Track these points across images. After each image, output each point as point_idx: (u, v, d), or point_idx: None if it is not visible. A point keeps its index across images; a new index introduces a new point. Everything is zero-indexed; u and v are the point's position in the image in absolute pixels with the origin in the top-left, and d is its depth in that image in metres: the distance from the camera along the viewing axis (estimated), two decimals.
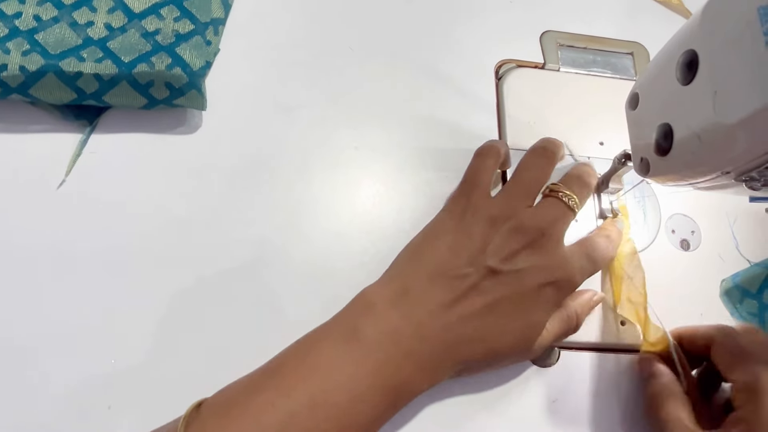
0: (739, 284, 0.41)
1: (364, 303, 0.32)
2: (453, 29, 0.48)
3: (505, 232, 0.34)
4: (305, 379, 0.29)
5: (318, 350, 0.30)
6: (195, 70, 0.38)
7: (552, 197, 0.36)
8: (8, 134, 0.39)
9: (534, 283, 0.33)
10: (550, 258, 0.34)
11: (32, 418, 0.32)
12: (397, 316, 0.31)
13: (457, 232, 0.34)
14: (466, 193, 0.36)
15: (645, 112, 0.33)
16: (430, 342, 0.31)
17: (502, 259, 0.33)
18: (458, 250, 0.33)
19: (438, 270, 0.33)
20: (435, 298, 0.32)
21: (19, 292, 0.35)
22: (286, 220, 0.39)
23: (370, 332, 0.30)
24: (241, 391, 0.29)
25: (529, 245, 0.33)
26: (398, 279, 0.34)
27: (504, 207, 0.35)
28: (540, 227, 0.34)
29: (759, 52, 0.25)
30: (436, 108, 0.45)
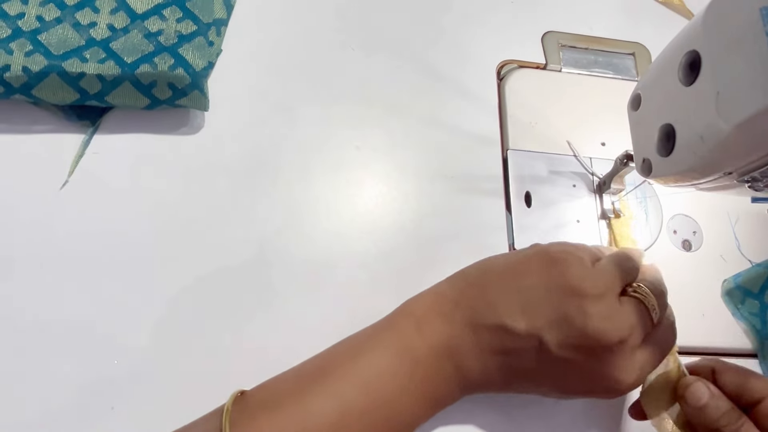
0: (740, 285, 0.41)
1: (415, 318, 0.32)
2: (454, 30, 0.48)
3: (578, 318, 0.30)
4: (357, 386, 0.29)
5: (368, 358, 0.30)
6: (197, 70, 0.38)
7: (637, 300, 0.32)
8: (11, 135, 0.39)
9: (578, 377, 0.31)
10: (604, 369, 0.30)
11: (34, 419, 0.32)
12: (445, 338, 0.31)
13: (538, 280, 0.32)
14: (572, 247, 0.33)
15: (647, 112, 0.33)
16: (468, 371, 0.32)
17: (560, 343, 0.30)
18: (527, 304, 0.31)
19: (496, 312, 0.31)
20: (482, 339, 0.31)
21: (21, 291, 0.35)
22: (288, 220, 0.39)
23: (418, 349, 0.31)
24: (291, 390, 0.30)
25: (595, 350, 0.30)
26: (457, 300, 0.32)
27: (596, 285, 0.31)
28: (611, 341, 0.30)
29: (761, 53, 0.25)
30: (438, 108, 0.45)
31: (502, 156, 0.44)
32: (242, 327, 0.36)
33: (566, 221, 0.42)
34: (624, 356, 0.30)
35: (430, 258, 0.40)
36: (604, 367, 0.30)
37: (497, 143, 0.44)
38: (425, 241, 0.40)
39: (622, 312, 0.31)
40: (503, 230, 0.42)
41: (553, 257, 0.32)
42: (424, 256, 0.40)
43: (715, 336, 0.40)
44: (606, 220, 0.43)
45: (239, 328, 0.36)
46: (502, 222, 0.42)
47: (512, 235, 0.41)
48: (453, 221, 0.41)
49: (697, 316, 0.40)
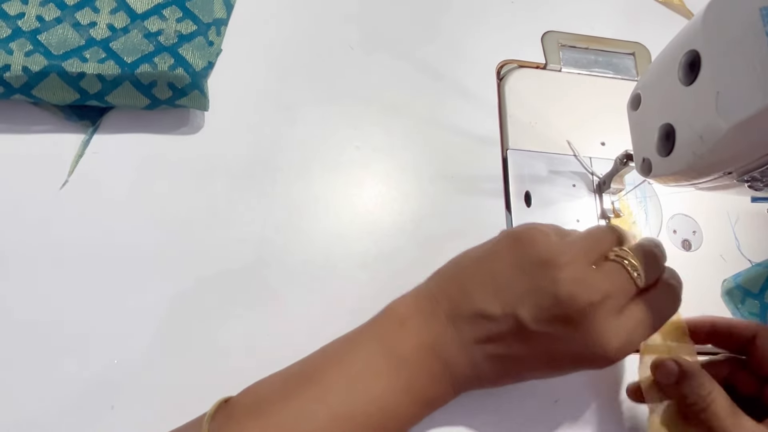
0: (740, 284, 0.41)
1: (398, 317, 0.32)
2: (454, 30, 0.48)
3: (548, 288, 0.30)
4: (342, 390, 0.29)
5: (354, 361, 0.30)
6: (197, 70, 0.38)
7: (617, 263, 0.31)
8: (11, 134, 0.39)
9: (564, 350, 0.30)
10: (588, 334, 0.29)
11: (35, 418, 0.32)
12: (428, 335, 0.31)
13: (507, 261, 0.31)
14: (538, 224, 0.33)
15: (647, 112, 0.33)
16: (457, 366, 0.31)
17: (534, 317, 0.30)
18: (500, 285, 0.31)
19: (472, 301, 0.31)
20: (463, 330, 0.31)
21: (21, 291, 0.35)
22: (287, 220, 0.39)
23: (402, 348, 0.31)
24: (275, 395, 0.29)
25: (567, 316, 0.29)
26: (436, 296, 0.32)
27: (564, 252, 0.30)
28: (582, 303, 0.29)
29: (761, 53, 0.25)
30: (438, 108, 0.45)
31: (501, 156, 0.44)
32: (242, 327, 0.36)
33: (566, 221, 0.42)
34: (603, 320, 0.29)
35: (429, 258, 0.40)
36: (585, 334, 0.29)
37: (497, 143, 0.44)
38: (425, 240, 0.40)
39: (594, 275, 0.30)
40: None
41: (519, 235, 0.32)
42: (423, 256, 0.40)
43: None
44: (606, 220, 0.43)
45: (239, 327, 0.36)
46: (501, 222, 0.42)
47: None
48: (453, 221, 0.41)
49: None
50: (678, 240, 0.43)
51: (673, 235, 0.43)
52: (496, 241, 0.34)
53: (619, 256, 0.31)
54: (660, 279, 0.32)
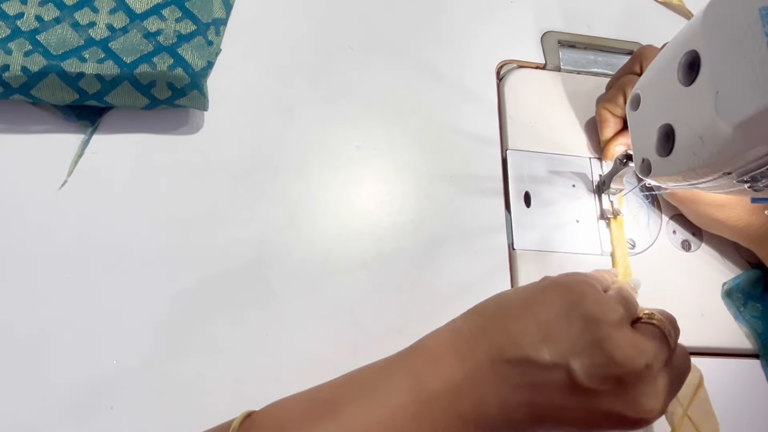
0: (740, 287, 0.41)
1: (432, 354, 0.31)
2: (454, 30, 0.48)
3: (604, 345, 0.30)
4: (365, 422, 0.28)
5: (379, 394, 0.29)
6: (197, 70, 0.38)
7: (654, 327, 0.32)
8: (10, 134, 0.39)
9: (606, 410, 0.30)
10: (633, 397, 0.30)
11: (34, 419, 0.32)
12: (462, 375, 0.30)
13: (557, 310, 0.31)
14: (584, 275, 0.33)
15: (647, 112, 0.33)
16: (486, 410, 0.30)
17: (588, 371, 0.29)
18: (549, 334, 0.30)
19: (518, 345, 0.30)
20: (503, 374, 0.30)
21: (21, 292, 0.35)
22: (287, 220, 0.39)
23: (433, 386, 0.30)
24: (298, 420, 0.29)
25: (619, 377, 0.30)
26: (475, 336, 0.31)
27: (614, 311, 0.31)
28: (640, 366, 0.29)
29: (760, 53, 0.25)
30: (437, 108, 0.45)
31: (501, 156, 0.44)
32: (242, 327, 0.36)
33: (565, 221, 0.42)
34: (651, 382, 0.30)
35: (429, 258, 0.40)
36: (633, 395, 0.30)
37: (496, 143, 0.44)
38: (425, 240, 0.40)
39: (644, 338, 0.31)
40: (502, 230, 0.42)
41: (569, 287, 0.32)
42: (423, 256, 0.40)
43: (714, 336, 0.40)
44: (605, 220, 0.43)
45: (239, 327, 0.36)
46: (501, 222, 0.42)
47: (511, 234, 0.41)
48: (452, 221, 0.41)
49: (697, 316, 0.40)
50: (678, 240, 0.43)
51: (673, 236, 0.43)
52: (542, 288, 0.33)
53: (655, 320, 0.32)
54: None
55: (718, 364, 0.39)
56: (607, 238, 0.42)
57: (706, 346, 0.40)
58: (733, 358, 0.40)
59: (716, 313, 0.41)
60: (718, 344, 0.40)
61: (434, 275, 0.39)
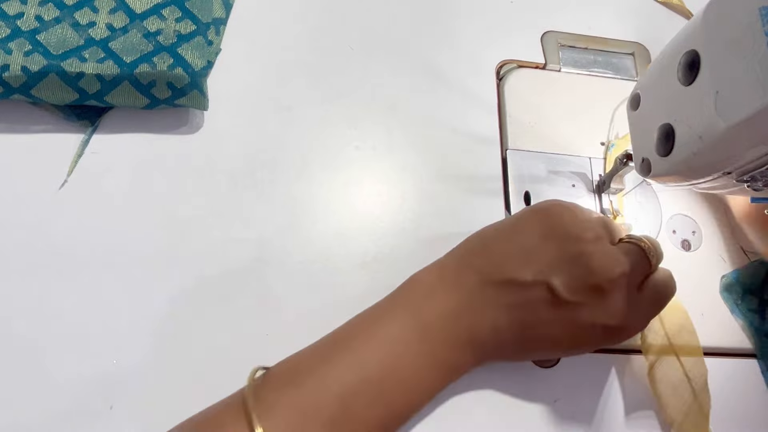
0: (739, 280, 0.41)
1: (423, 287, 0.33)
2: (454, 29, 0.48)
3: (580, 259, 0.32)
4: (373, 356, 0.30)
5: (385, 327, 0.32)
6: (197, 70, 0.38)
7: (633, 245, 0.34)
8: (10, 134, 0.39)
9: (590, 321, 0.32)
10: (612, 304, 0.32)
11: (34, 418, 0.32)
12: (453, 303, 0.32)
13: (536, 233, 0.33)
14: (559, 201, 0.35)
15: (646, 112, 0.33)
16: (480, 333, 0.32)
17: (567, 285, 0.32)
18: (530, 255, 0.33)
19: (502, 269, 0.33)
20: (491, 296, 0.33)
21: (21, 292, 0.35)
22: (287, 220, 0.39)
23: (429, 315, 0.32)
24: (309, 362, 0.31)
25: (599, 286, 0.32)
26: (461, 267, 0.34)
27: (590, 229, 0.33)
28: (614, 273, 0.32)
29: (760, 53, 0.25)
30: (437, 108, 0.45)
31: (501, 156, 0.44)
32: (241, 327, 0.36)
33: None
34: (628, 293, 0.32)
35: (429, 258, 0.40)
36: (612, 303, 0.32)
37: (496, 143, 0.44)
38: (424, 240, 0.40)
39: (620, 251, 0.33)
40: None
41: (547, 211, 0.34)
42: (423, 256, 0.40)
43: (714, 336, 0.40)
44: None
45: (238, 327, 0.36)
46: None
47: None
48: (452, 221, 0.41)
49: (696, 316, 0.40)
50: (677, 240, 0.43)
51: (673, 235, 0.43)
52: (521, 215, 0.35)
53: (633, 240, 0.34)
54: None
55: (717, 364, 0.39)
56: None
57: (705, 345, 0.40)
58: (733, 357, 0.40)
59: (716, 312, 0.41)
60: (717, 344, 0.40)
61: None
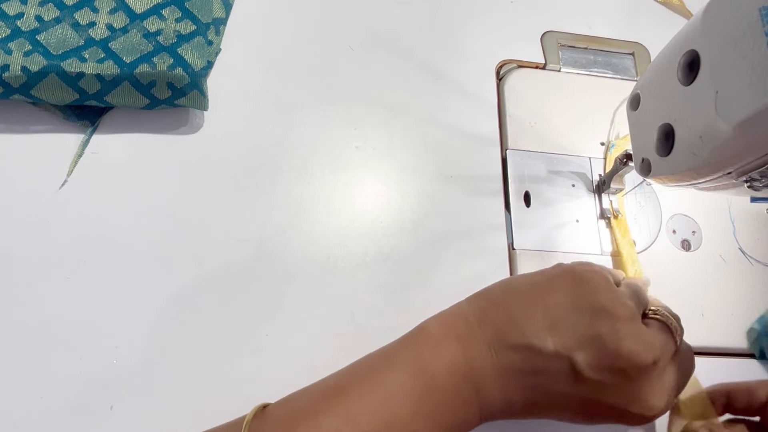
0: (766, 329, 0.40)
1: (433, 338, 0.31)
2: (454, 29, 0.48)
3: (610, 339, 0.29)
4: (372, 410, 0.28)
5: (383, 380, 0.30)
6: (197, 70, 0.38)
7: (660, 323, 0.32)
8: (10, 134, 0.39)
9: (610, 402, 0.30)
10: (638, 391, 0.30)
11: (34, 419, 0.32)
12: (463, 358, 0.30)
13: (566, 299, 0.31)
14: (597, 267, 0.33)
15: (646, 112, 0.33)
16: (488, 393, 0.30)
17: (592, 364, 0.29)
18: (556, 323, 0.30)
19: (523, 331, 0.30)
20: (506, 358, 0.30)
21: (21, 292, 0.35)
22: (287, 220, 0.39)
23: (435, 370, 0.30)
24: (307, 408, 0.29)
25: (626, 371, 0.29)
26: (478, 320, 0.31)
27: (624, 305, 0.30)
28: (646, 361, 0.29)
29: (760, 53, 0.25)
30: (437, 108, 0.45)
31: (501, 156, 0.44)
32: (241, 327, 0.36)
33: (565, 221, 0.42)
34: (656, 379, 0.30)
35: (429, 257, 0.40)
36: (638, 390, 0.30)
37: (496, 143, 0.44)
38: (424, 240, 0.40)
39: (651, 333, 0.31)
40: (502, 230, 0.42)
41: (581, 276, 0.32)
42: (423, 256, 0.40)
43: (714, 336, 0.40)
44: (605, 220, 0.43)
45: (238, 327, 0.36)
46: (501, 221, 0.42)
47: (511, 234, 0.41)
48: (452, 221, 0.41)
49: (697, 316, 0.40)
50: (677, 240, 0.43)
51: (673, 235, 0.43)
52: (552, 275, 0.32)
53: (661, 316, 0.32)
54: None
55: (718, 364, 0.39)
56: (608, 238, 0.42)
57: (706, 346, 0.40)
58: (733, 357, 0.40)
59: (716, 313, 0.41)
60: (718, 344, 0.40)
61: (434, 275, 0.39)
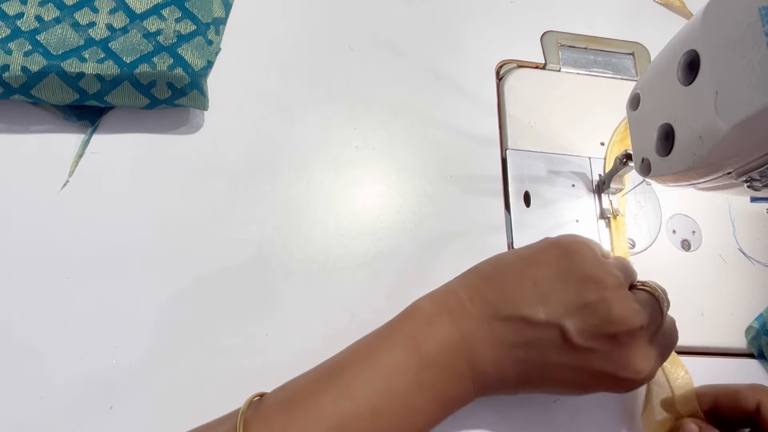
0: (764, 327, 0.40)
1: (425, 315, 0.32)
2: (454, 29, 0.48)
3: (599, 306, 0.30)
4: (367, 385, 0.29)
5: (380, 358, 0.30)
6: (197, 70, 0.38)
7: (650, 295, 0.33)
8: (10, 135, 0.39)
9: (600, 369, 0.31)
10: (627, 356, 0.31)
11: (34, 419, 0.32)
12: (456, 334, 0.31)
13: (554, 271, 0.32)
14: (584, 239, 0.34)
15: (646, 112, 0.33)
16: (482, 368, 0.31)
17: (582, 331, 0.30)
18: (546, 294, 0.31)
19: (514, 304, 0.31)
20: (498, 331, 0.31)
21: (21, 292, 0.35)
22: (287, 220, 0.39)
23: (429, 346, 0.30)
24: (303, 390, 0.30)
25: (615, 336, 0.30)
26: (470, 296, 0.32)
27: (611, 274, 0.31)
28: (634, 325, 0.30)
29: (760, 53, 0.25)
30: (437, 108, 0.45)
31: (501, 156, 0.44)
32: (241, 327, 0.36)
33: (565, 221, 0.42)
34: (644, 344, 0.31)
35: (429, 257, 0.40)
36: (626, 355, 0.31)
37: (496, 143, 0.44)
38: (424, 240, 0.40)
39: (639, 301, 0.32)
40: (502, 230, 0.42)
41: (568, 248, 0.33)
42: (423, 256, 0.40)
43: (714, 335, 0.40)
44: (605, 220, 0.43)
45: (238, 328, 0.36)
46: (501, 221, 0.42)
47: (511, 234, 0.41)
48: (452, 221, 0.41)
49: (696, 316, 0.40)
50: (677, 240, 0.43)
51: (673, 235, 0.43)
52: (540, 248, 0.33)
53: (648, 287, 0.33)
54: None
55: (718, 364, 0.39)
56: (607, 238, 0.42)
57: (706, 346, 0.40)
58: (733, 357, 0.40)
59: (716, 313, 0.41)
60: (718, 344, 0.40)
61: (434, 275, 0.39)
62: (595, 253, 0.32)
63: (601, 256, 0.33)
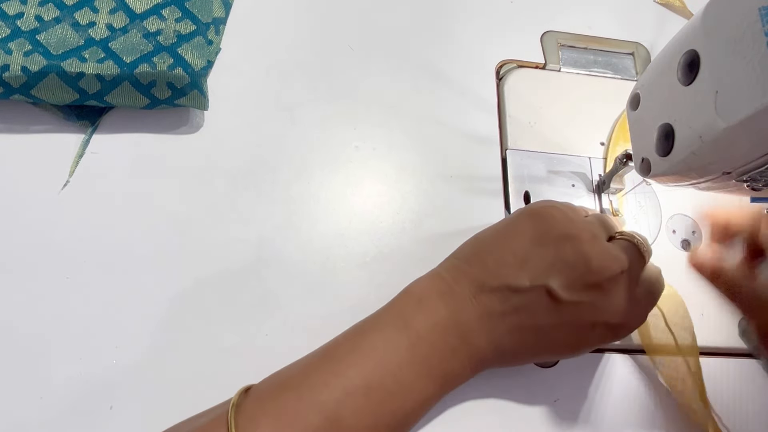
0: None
1: (415, 296, 0.33)
2: (454, 29, 0.48)
3: (578, 259, 0.32)
4: (359, 363, 0.30)
5: (370, 338, 0.31)
6: (197, 70, 0.38)
7: (627, 242, 0.34)
8: (10, 135, 0.39)
9: (590, 320, 0.32)
10: (613, 302, 0.32)
11: (34, 418, 0.32)
12: (446, 312, 0.32)
13: (530, 237, 0.33)
14: (554, 201, 0.35)
15: (646, 112, 0.33)
16: (475, 342, 0.32)
17: (566, 286, 0.31)
18: (526, 260, 0.32)
19: (497, 275, 0.32)
20: (486, 303, 0.32)
21: (22, 292, 0.35)
22: (287, 220, 0.39)
23: (419, 325, 0.31)
24: (295, 374, 0.30)
25: (599, 284, 0.31)
26: (454, 276, 0.33)
27: (585, 229, 0.33)
28: (614, 271, 0.31)
29: (760, 53, 0.25)
30: (437, 108, 0.45)
31: (501, 156, 0.44)
32: (241, 327, 0.36)
33: None
34: (629, 287, 0.32)
35: (429, 258, 0.40)
36: (614, 300, 0.32)
37: (496, 143, 0.44)
38: (424, 240, 0.40)
39: (616, 248, 0.33)
40: None
41: (539, 213, 0.34)
42: (423, 256, 0.40)
43: (714, 335, 0.40)
44: None
45: (238, 328, 0.36)
46: None
47: None
48: (452, 221, 0.41)
49: (696, 316, 0.40)
50: (677, 240, 0.43)
51: (673, 235, 0.43)
52: (513, 219, 0.35)
53: (625, 236, 0.34)
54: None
55: (718, 364, 0.39)
56: None
57: (706, 345, 0.40)
58: (733, 357, 0.40)
59: (716, 313, 0.41)
60: (717, 344, 0.40)
61: None
62: (566, 212, 0.34)
63: (574, 214, 0.34)
